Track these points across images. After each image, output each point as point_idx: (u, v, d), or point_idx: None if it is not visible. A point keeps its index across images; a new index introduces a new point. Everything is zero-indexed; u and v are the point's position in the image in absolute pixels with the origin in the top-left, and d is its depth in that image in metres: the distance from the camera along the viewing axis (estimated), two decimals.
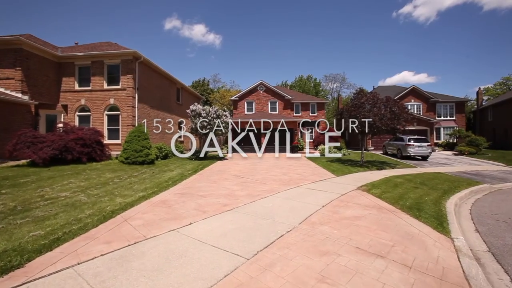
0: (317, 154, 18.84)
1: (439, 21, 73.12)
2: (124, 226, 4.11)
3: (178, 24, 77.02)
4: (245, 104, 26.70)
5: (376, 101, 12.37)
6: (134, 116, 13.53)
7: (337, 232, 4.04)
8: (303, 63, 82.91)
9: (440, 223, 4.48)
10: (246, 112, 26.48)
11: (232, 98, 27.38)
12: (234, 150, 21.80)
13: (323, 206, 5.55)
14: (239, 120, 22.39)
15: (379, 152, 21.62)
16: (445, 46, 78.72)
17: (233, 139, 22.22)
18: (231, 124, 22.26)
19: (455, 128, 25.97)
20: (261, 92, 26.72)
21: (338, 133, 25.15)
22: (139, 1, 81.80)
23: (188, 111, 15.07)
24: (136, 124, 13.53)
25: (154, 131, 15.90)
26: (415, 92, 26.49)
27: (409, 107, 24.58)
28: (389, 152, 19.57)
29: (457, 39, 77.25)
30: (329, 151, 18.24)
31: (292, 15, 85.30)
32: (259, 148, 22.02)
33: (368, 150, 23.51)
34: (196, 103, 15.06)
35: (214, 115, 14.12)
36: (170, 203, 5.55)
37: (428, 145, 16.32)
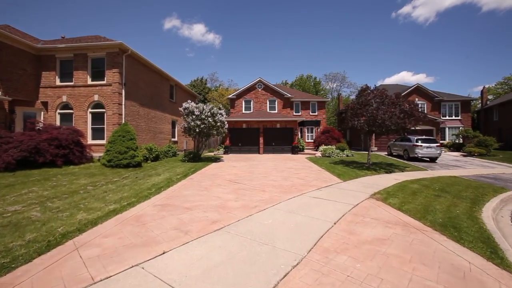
0: (318, 155, 17.79)
1: (438, 21, 72.59)
2: (71, 259, 3.01)
3: (178, 24, 75.81)
4: (243, 103, 25.62)
5: (385, 98, 11.35)
6: (121, 114, 12.39)
7: (361, 267, 2.97)
8: (303, 63, 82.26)
9: (493, 251, 3.43)
10: (244, 111, 25.41)
11: (230, 96, 26.27)
12: (231, 151, 20.72)
13: (334, 223, 4.49)
14: (237, 119, 21.31)
15: (383, 153, 20.63)
16: (444, 47, 78.21)
17: (230, 139, 21.15)
18: (228, 123, 21.19)
19: (461, 128, 25.07)
20: (260, 90, 25.64)
21: (340, 133, 24.17)
22: (138, 0, 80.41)
23: (180, 109, 13.96)
24: (123, 123, 12.39)
25: (144, 130, 14.78)
26: (419, 91, 25.53)
27: None
28: (394, 153, 18.60)
29: (456, 40, 76.76)
30: (332, 152, 17.22)
31: (292, 16, 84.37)
32: (258, 149, 20.96)
33: (372, 151, 22.51)
34: (189, 101, 13.96)
35: (208, 113, 13.01)
36: (145, 220, 4.46)
37: (437, 145, 15.33)
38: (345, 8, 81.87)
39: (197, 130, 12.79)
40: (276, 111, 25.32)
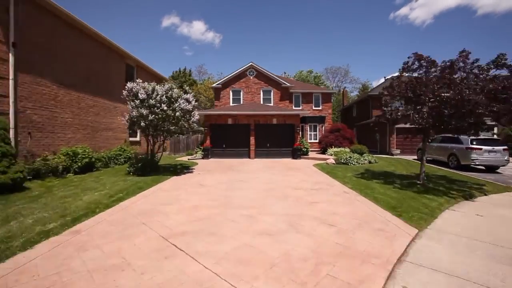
0: (331, 161, 12.95)
1: (437, 22, 69.20)
2: None
3: (177, 22, 70.10)
4: (231, 93, 20.55)
5: (469, 73, 6.61)
6: (7, 97, 7.21)
7: None
8: (303, 63, 78.19)
9: None
10: (231, 103, 20.38)
11: (214, 85, 21.15)
12: (212, 154, 15.68)
13: None
14: (220, 113, 16.28)
15: (408, 157, 16.00)
16: (443, 47, 74.90)
17: (211, 138, 16.09)
18: (209, 118, 16.11)
19: (497, 126, 20.72)
20: (251, 77, 20.61)
21: (352, 132, 19.45)
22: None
23: (124, 92, 8.88)
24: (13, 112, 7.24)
25: (70, 125, 9.61)
26: None
27: None
28: (429, 158, 13.93)
29: (455, 40, 73.60)
30: (349, 157, 12.40)
31: (291, 16, 79.49)
32: (247, 152, 15.98)
33: (393, 155, 17.85)
34: (138, 79, 8.90)
35: (163, 97, 7.94)
36: None
37: (504, 149, 10.71)
38: (344, 8, 77.58)
39: (142, 124, 7.71)
40: (271, 104, 20.38)
